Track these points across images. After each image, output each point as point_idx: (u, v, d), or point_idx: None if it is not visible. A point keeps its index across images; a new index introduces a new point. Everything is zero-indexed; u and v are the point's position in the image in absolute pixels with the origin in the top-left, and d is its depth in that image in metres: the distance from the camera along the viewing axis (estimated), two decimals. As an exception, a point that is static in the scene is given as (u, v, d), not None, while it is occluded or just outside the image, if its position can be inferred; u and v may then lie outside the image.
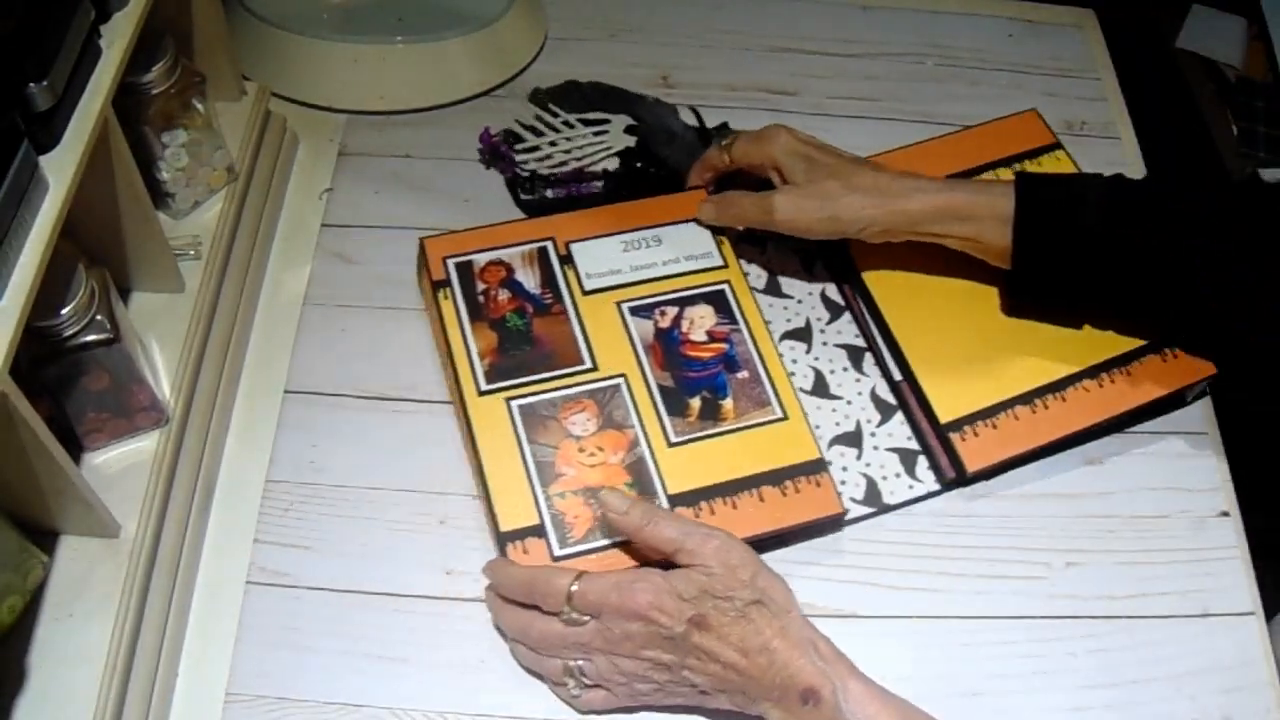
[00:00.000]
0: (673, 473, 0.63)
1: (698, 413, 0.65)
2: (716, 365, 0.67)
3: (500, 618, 0.59)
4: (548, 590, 0.56)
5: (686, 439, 0.64)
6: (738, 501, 0.62)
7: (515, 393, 0.65)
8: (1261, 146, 0.92)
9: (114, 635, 0.53)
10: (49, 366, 0.54)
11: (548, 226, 0.72)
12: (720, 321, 0.69)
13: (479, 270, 0.70)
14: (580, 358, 0.66)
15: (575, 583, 0.55)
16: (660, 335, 0.68)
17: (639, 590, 0.54)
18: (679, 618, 0.53)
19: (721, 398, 0.66)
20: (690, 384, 0.66)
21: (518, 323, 0.67)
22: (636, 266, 0.70)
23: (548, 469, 0.62)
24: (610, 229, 0.72)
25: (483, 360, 0.66)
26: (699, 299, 0.69)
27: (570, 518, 0.61)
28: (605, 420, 0.64)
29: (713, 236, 0.72)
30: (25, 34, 0.46)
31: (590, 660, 0.56)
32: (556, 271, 0.70)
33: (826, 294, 0.75)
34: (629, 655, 0.55)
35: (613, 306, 0.68)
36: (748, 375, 0.67)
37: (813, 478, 0.63)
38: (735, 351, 0.67)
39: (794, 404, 0.66)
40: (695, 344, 0.67)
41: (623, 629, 0.54)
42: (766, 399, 0.66)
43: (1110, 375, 0.68)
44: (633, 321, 0.68)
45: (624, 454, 0.63)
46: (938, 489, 0.67)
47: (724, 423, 0.65)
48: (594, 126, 0.83)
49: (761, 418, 0.65)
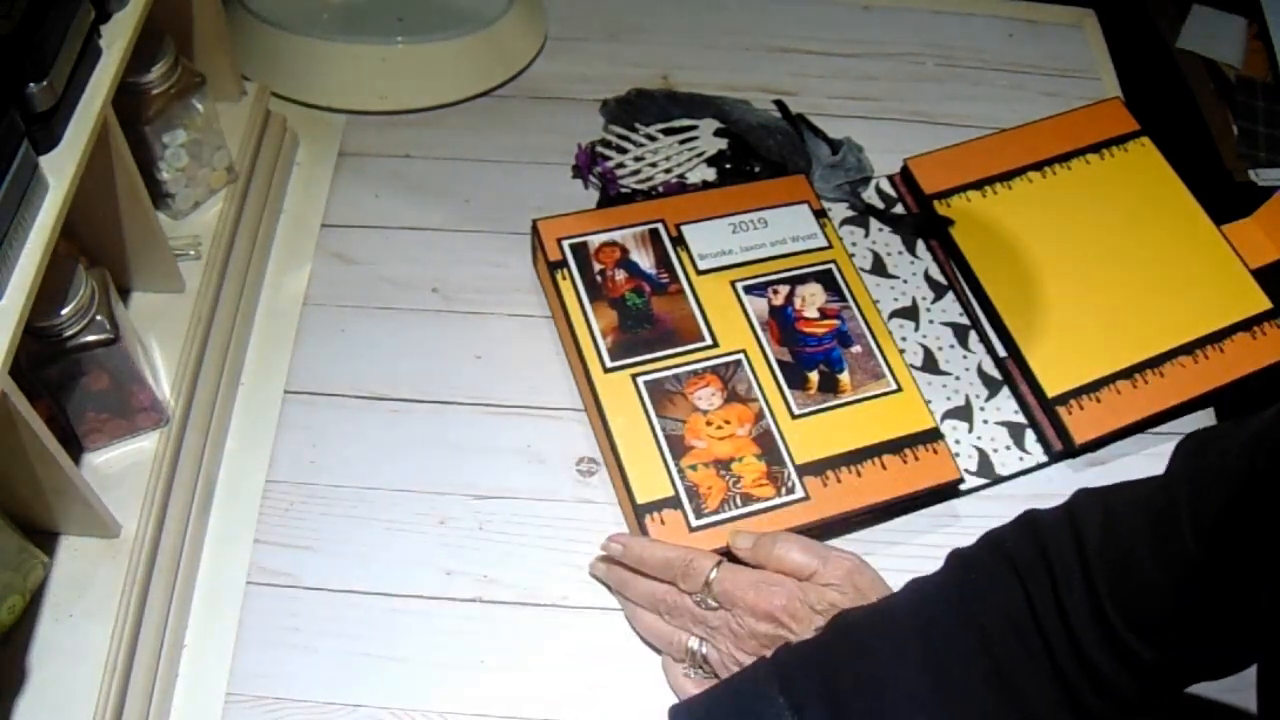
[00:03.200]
0: (798, 443, 0.65)
1: (817, 386, 0.67)
2: (831, 340, 0.69)
3: (632, 587, 0.60)
4: (687, 572, 0.57)
5: (809, 411, 0.66)
6: (862, 469, 0.64)
7: (640, 369, 0.66)
8: (1261, 146, 0.92)
9: (114, 635, 0.53)
10: (49, 366, 0.54)
11: (657, 209, 0.74)
12: (830, 299, 0.71)
13: (594, 251, 0.71)
14: (700, 334, 0.68)
15: (715, 570, 0.57)
16: (775, 312, 0.70)
17: (775, 593, 0.55)
18: (807, 626, 0.54)
19: (838, 371, 0.68)
20: (807, 358, 0.68)
21: (637, 301, 0.69)
22: (746, 247, 0.72)
23: (677, 442, 0.64)
24: (718, 211, 0.74)
25: (605, 338, 0.67)
26: (809, 278, 0.71)
27: (704, 489, 0.62)
28: (730, 394, 0.66)
29: (816, 219, 0.74)
30: (25, 34, 0.46)
31: (714, 648, 0.57)
32: (670, 252, 0.72)
33: (929, 274, 0.77)
34: (751, 653, 0.55)
35: (727, 285, 0.70)
36: (861, 350, 0.69)
37: (930, 446, 0.65)
38: (847, 327, 0.70)
39: (907, 377, 0.68)
40: (809, 320, 0.69)
41: (750, 626, 0.55)
42: (881, 372, 0.68)
43: (1205, 351, 0.71)
44: (748, 299, 0.70)
45: (750, 426, 0.65)
46: (1046, 460, 0.69)
47: (842, 395, 0.67)
48: (679, 135, 0.83)
49: (877, 390, 0.67)
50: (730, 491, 0.62)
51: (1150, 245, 0.75)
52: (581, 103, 0.86)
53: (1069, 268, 0.74)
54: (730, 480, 0.63)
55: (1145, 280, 0.74)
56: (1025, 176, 0.79)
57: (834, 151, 0.82)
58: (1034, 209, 0.77)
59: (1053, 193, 0.78)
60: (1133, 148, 0.80)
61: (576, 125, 0.84)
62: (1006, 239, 0.75)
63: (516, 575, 0.63)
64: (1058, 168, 0.79)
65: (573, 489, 0.66)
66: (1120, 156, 0.80)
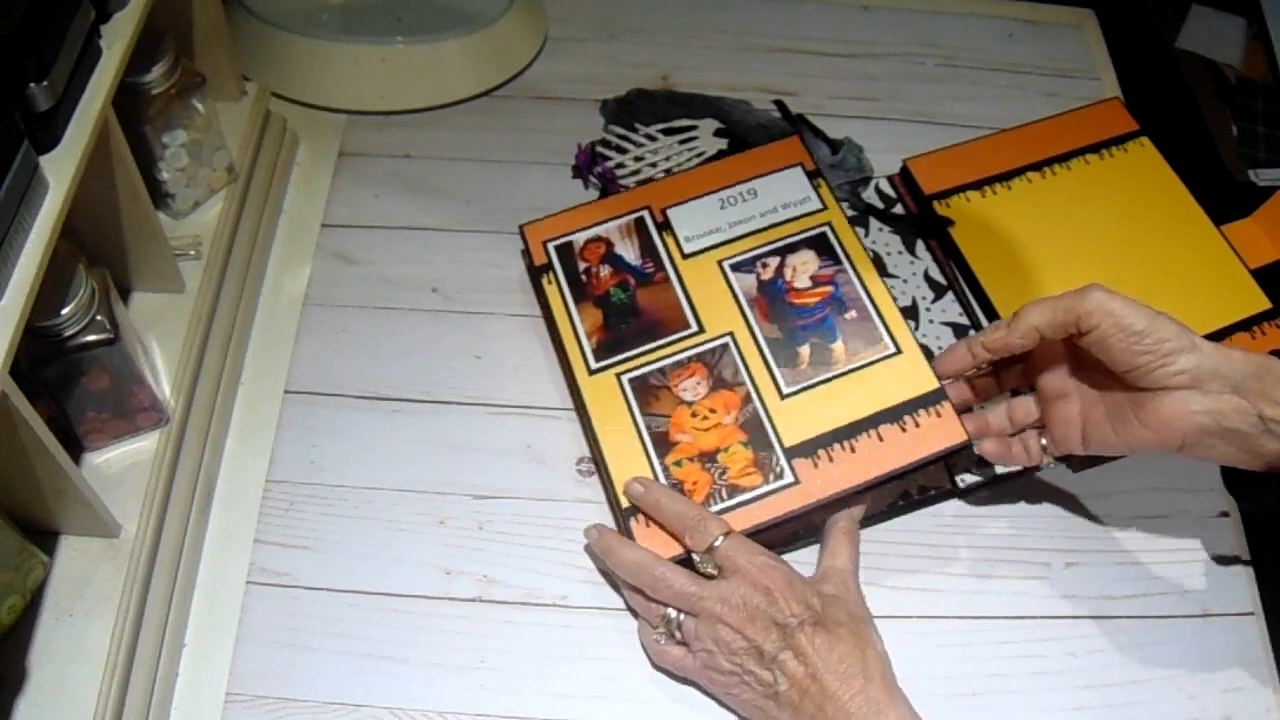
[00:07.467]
0: (787, 425, 0.62)
1: (808, 360, 0.65)
2: (823, 309, 0.66)
3: (618, 556, 0.59)
4: (697, 528, 0.58)
5: (799, 388, 0.64)
6: (855, 444, 0.61)
7: (625, 366, 0.66)
8: (1261, 147, 0.92)
9: (114, 635, 0.53)
10: (49, 366, 0.54)
11: (643, 196, 0.72)
12: (823, 265, 0.68)
13: (579, 249, 0.71)
14: (686, 322, 0.67)
15: (723, 538, 0.57)
16: (764, 288, 0.68)
17: (777, 571, 0.56)
18: (801, 609, 0.55)
19: (831, 341, 0.65)
20: (798, 332, 0.66)
21: (621, 296, 0.68)
22: (734, 222, 0.70)
23: (662, 439, 0.63)
24: (706, 189, 0.72)
25: (590, 339, 0.67)
26: (800, 245, 0.69)
27: (689, 485, 0.61)
28: (715, 381, 0.65)
29: (810, 180, 0.72)
30: (25, 34, 0.46)
31: (693, 620, 0.57)
32: (655, 239, 0.70)
33: (929, 273, 0.77)
34: (735, 626, 0.55)
35: (714, 266, 0.69)
36: (856, 315, 0.66)
37: (933, 409, 0.62)
38: (841, 293, 0.67)
39: (907, 337, 0.65)
40: (800, 291, 0.67)
41: (743, 596, 0.55)
42: (878, 335, 0.65)
43: None
44: (735, 278, 0.68)
45: (736, 412, 0.63)
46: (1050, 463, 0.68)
47: (835, 366, 0.64)
48: (679, 135, 0.83)
49: (874, 355, 0.64)
50: (716, 484, 0.61)
51: (1150, 245, 0.75)
52: (581, 103, 0.86)
53: (1068, 268, 0.74)
54: (716, 472, 0.61)
55: (1144, 280, 0.74)
56: (1025, 177, 0.79)
57: (834, 151, 0.82)
58: (1034, 209, 0.77)
59: (1052, 193, 0.78)
60: (1132, 148, 0.80)
61: (576, 125, 0.84)
62: (1006, 239, 0.75)
63: (516, 575, 0.63)
64: (1057, 168, 0.79)
65: (573, 489, 0.66)
66: (1120, 157, 0.80)
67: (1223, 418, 0.53)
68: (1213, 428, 0.53)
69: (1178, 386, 0.54)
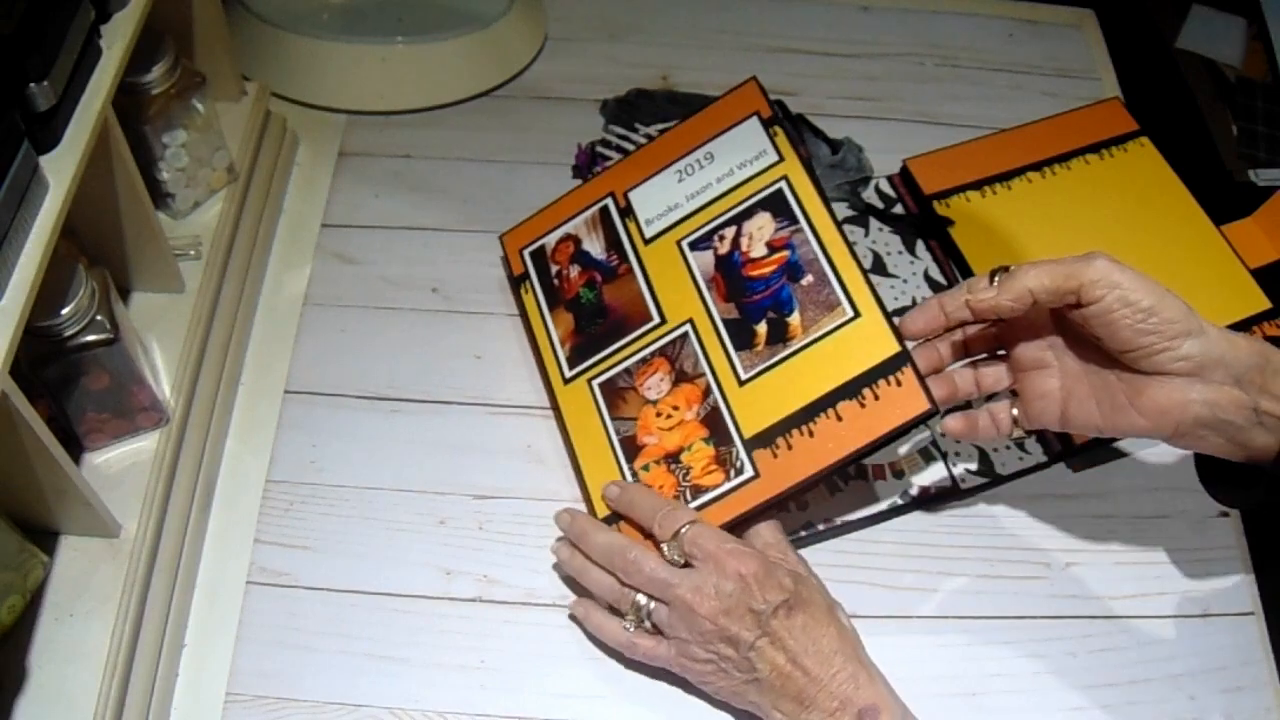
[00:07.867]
0: (746, 415, 0.61)
1: (765, 339, 0.62)
2: (779, 279, 0.64)
3: (592, 539, 0.59)
4: (665, 518, 0.58)
5: (756, 372, 0.62)
6: (813, 428, 0.59)
7: (595, 371, 0.66)
8: (1261, 147, 0.92)
9: (114, 635, 0.53)
10: (49, 366, 0.54)
11: (607, 182, 0.72)
12: (780, 227, 0.65)
13: (551, 252, 0.71)
14: (649, 314, 0.67)
15: (690, 526, 0.57)
16: (721, 264, 0.66)
17: (748, 556, 0.55)
18: (775, 593, 0.54)
19: (788, 314, 0.62)
20: (755, 308, 0.64)
21: (589, 296, 0.68)
22: (692, 194, 0.68)
23: (630, 444, 0.63)
24: (664, 162, 0.71)
25: (564, 346, 0.67)
26: (755, 208, 0.66)
27: (657, 488, 0.61)
28: (677, 375, 0.64)
29: (765, 129, 0.68)
30: (25, 34, 0.46)
31: (665, 608, 0.56)
32: (619, 228, 0.70)
33: (929, 274, 0.77)
34: (709, 616, 0.54)
35: (674, 247, 0.68)
36: (813, 279, 0.62)
37: (892, 378, 0.58)
38: (798, 255, 0.63)
39: (865, 297, 0.60)
40: (756, 262, 0.65)
41: (716, 584, 0.55)
42: (835, 300, 0.61)
43: None
44: (693, 257, 0.67)
45: (698, 407, 0.63)
46: (1046, 460, 0.69)
47: (792, 341, 0.61)
48: None
49: (831, 324, 0.61)
50: (681, 486, 0.61)
51: (1149, 245, 0.75)
52: (581, 103, 0.86)
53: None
54: (680, 474, 0.61)
55: (1145, 280, 0.74)
56: (1025, 177, 0.79)
57: (834, 151, 0.82)
58: (1033, 209, 0.77)
59: (1052, 193, 0.78)
60: (1132, 148, 0.80)
61: (576, 125, 0.84)
62: (1006, 239, 0.75)
63: (516, 575, 0.63)
64: (1057, 168, 0.79)
65: (573, 489, 0.66)
66: (1120, 157, 0.80)
67: (1219, 409, 0.51)
68: (1208, 419, 0.51)
69: (1179, 373, 0.51)
